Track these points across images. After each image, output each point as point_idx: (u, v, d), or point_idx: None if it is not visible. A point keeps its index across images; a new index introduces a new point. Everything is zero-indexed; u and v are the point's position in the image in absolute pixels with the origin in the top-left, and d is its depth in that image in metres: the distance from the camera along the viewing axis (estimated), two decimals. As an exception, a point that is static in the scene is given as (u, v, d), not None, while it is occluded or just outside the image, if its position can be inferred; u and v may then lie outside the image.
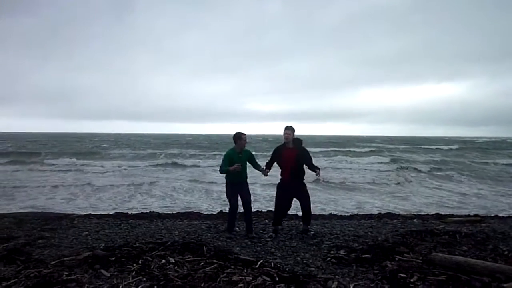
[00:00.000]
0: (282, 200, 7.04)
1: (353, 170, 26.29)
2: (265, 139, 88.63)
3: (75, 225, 8.02)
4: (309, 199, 7.08)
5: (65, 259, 5.27)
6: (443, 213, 10.97)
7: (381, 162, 32.32)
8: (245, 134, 6.97)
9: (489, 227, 7.84)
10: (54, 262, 5.14)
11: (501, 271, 4.66)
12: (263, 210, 10.87)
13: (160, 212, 10.89)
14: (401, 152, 47.67)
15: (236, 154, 6.93)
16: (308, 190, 7.11)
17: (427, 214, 10.69)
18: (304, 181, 7.05)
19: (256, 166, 7.22)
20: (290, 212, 10.85)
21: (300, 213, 7.69)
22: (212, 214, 10.26)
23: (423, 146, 61.02)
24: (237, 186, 6.97)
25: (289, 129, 6.85)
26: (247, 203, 7.05)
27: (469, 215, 10.34)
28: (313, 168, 6.93)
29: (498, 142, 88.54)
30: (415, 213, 10.98)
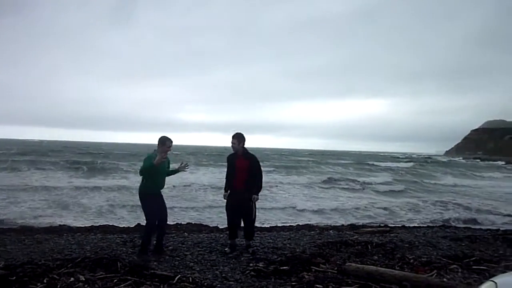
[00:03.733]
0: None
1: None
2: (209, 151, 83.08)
3: (-30, 241, 7.19)
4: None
5: (-46, 280, 4.68)
6: (357, 224, 11.54)
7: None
8: (170, 141, 6.37)
9: (397, 237, 8.36)
10: None
11: (407, 279, 4.97)
12: (182, 223, 10.65)
13: (71, 225, 10.18)
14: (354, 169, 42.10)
15: None
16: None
17: (342, 225, 11.18)
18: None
19: (173, 171, 6.70)
20: (211, 224, 10.82)
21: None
22: (129, 227, 9.81)
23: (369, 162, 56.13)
24: (156, 198, 6.39)
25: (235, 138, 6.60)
26: (165, 219, 6.54)
27: (380, 226, 10.98)
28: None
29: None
30: (332, 225, 11.41)
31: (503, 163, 74.82)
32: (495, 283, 2.59)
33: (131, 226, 10.01)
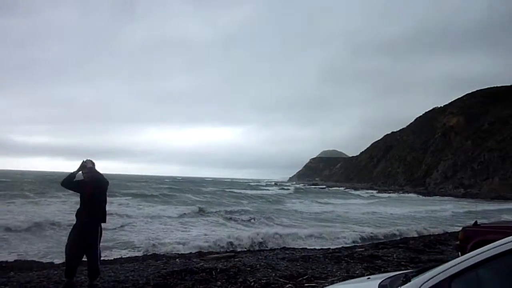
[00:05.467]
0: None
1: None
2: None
3: None
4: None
5: None
6: (204, 251, 11.64)
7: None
8: None
9: (241, 261, 8.69)
10: None
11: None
12: (8, 260, 9.36)
13: None
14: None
15: None
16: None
17: (190, 253, 11.15)
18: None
19: None
20: (47, 260, 9.70)
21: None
22: None
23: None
24: None
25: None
26: None
27: (226, 251, 11.29)
28: None
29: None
30: (179, 253, 11.30)
31: (344, 188, 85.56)
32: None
33: None
